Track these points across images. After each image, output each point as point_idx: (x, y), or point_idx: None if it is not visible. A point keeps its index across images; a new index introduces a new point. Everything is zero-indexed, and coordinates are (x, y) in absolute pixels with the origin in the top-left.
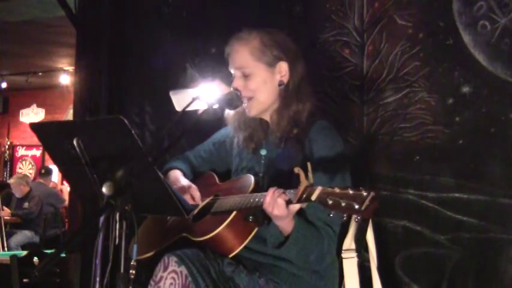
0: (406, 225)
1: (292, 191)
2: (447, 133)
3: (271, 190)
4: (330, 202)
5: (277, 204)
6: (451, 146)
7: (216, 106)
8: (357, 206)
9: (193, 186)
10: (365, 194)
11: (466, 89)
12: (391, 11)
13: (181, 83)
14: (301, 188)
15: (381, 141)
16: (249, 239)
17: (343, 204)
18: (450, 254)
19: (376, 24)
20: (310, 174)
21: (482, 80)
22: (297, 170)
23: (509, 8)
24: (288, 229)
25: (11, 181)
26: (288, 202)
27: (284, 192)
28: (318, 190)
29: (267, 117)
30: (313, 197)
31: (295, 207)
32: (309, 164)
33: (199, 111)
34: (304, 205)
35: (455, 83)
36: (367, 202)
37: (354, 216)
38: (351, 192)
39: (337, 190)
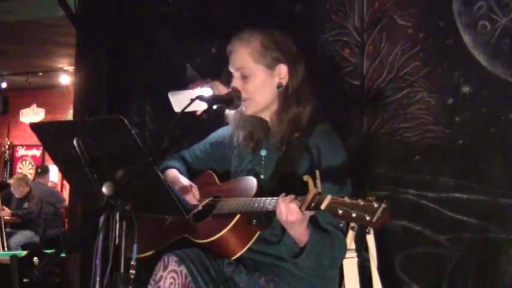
0: (406, 225)
1: (299, 198)
2: (447, 133)
3: (281, 198)
4: (340, 212)
5: (291, 210)
6: (451, 146)
7: (215, 106)
8: (368, 218)
9: (195, 185)
10: (376, 205)
11: (466, 89)
12: (391, 11)
13: (181, 83)
14: (310, 195)
15: (381, 141)
16: (251, 242)
17: (353, 214)
18: (450, 254)
19: (376, 24)
20: (318, 182)
21: (482, 80)
22: (306, 178)
23: (509, 8)
24: (303, 238)
25: (11, 181)
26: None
27: (296, 198)
28: (328, 199)
29: (266, 117)
30: (323, 206)
31: (307, 213)
32: (317, 172)
33: (198, 112)
34: (312, 213)
35: (455, 83)
36: (378, 214)
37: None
38: (361, 203)
39: (347, 200)
